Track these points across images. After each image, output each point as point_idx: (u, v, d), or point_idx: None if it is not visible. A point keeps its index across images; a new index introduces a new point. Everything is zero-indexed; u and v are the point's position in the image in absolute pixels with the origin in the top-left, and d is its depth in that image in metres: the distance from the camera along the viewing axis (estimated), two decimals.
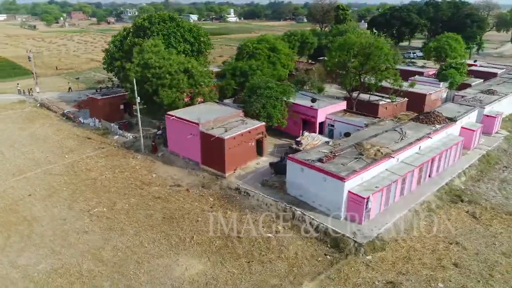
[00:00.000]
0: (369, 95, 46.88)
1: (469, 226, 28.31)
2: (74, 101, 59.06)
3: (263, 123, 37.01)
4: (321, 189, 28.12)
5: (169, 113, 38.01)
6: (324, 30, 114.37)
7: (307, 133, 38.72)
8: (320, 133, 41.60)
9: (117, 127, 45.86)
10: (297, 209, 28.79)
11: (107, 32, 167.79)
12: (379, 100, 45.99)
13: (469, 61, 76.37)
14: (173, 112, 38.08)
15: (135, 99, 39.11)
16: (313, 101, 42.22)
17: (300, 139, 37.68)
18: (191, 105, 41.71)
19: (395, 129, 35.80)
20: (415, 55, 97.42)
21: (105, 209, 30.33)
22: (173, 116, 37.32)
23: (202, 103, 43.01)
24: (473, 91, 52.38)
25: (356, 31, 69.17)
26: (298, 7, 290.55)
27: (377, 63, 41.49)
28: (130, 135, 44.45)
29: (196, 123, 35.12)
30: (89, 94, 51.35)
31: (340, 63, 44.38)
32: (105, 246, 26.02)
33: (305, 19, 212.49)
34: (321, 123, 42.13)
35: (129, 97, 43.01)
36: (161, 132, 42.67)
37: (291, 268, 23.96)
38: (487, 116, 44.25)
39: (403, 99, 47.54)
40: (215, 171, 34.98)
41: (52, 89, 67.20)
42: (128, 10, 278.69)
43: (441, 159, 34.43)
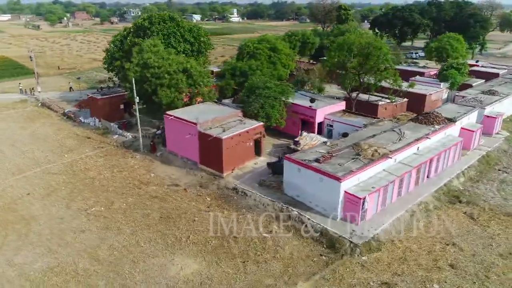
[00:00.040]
0: (369, 95, 46.75)
1: (467, 227, 28.17)
2: (75, 100, 59.34)
3: (261, 123, 37.00)
4: (317, 189, 28.08)
5: (167, 112, 38.11)
6: (326, 30, 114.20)
7: (305, 133, 38.70)
8: (319, 133, 41.56)
9: (117, 126, 46.04)
10: (294, 209, 28.77)
11: (110, 32, 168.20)
12: (379, 100, 45.88)
13: (471, 61, 75.98)
14: (171, 112, 38.18)
15: (134, 99, 39.24)
16: (312, 101, 42.17)
17: (298, 139, 37.67)
18: (190, 105, 41.77)
19: (394, 130, 35.69)
20: (417, 55, 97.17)
21: (102, 208, 30.44)
22: (172, 116, 37.42)
23: (201, 103, 43.09)
24: (474, 91, 52.09)
25: (357, 31, 69.22)
26: (301, 7, 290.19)
27: (376, 63, 41.41)
28: (129, 134, 44.61)
29: (194, 123, 35.19)
30: (90, 93, 51.58)
31: (339, 63, 44.34)
32: (102, 245, 26.12)
33: (308, 19, 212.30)
34: (320, 123, 42.06)
35: (129, 97, 43.14)
36: (160, 131, 42.80)
37: (286, 268, 23.95)
38: (488, 116, 44.02)
39: (402, 100, 47.37)
40: (213, 171, 35.03)
41: (53, 89, 67.56)
42: (131, 10, 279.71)
43: (440, 159, 34.29)
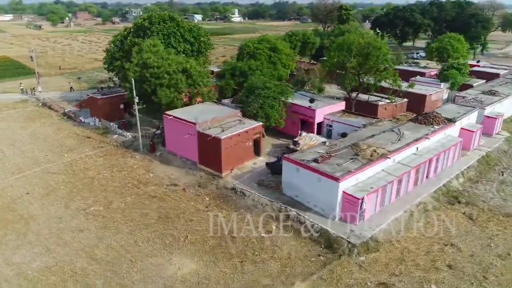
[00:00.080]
0: (368, 95, 46.68)
1: (465, 227, 28.10)
2: (75, 100, 59.46)
3: (260, 123, 37.00)
4: (316, 189, 28.06)
5: (167, 112, 38.16)
6: (327, 30, 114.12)
7: (304, 134, 38.67)
8: (318, 133, 41.53)
9: (117, 126, 46.12)
10: (292, 209, 28.76)
11: (112, 32, 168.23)
12: (378, 100, 45.80)
13: (472, 61, 75.77)
14: (171, 111, 38.22)
15: (134, 99, 39.30)
16: (312, 101, 42.14)
17: (297, 139, 37.65)
18: (190, 105, 41.80)
19: (393, 130, 35.63)
20: (418, 55, 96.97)
21: (101, 208, 30.50)
22: (171, 115, 37.46)
23: (200, 103, 43.11)
24: (474, 91, 51.94)
25: (358, 31, 69.11)
26: (302, 7, 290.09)
27: (375, 63, 41.35)
28: (129, 134, 44.67)
29: (193, 123, 35.22)
30: (90, 93, 51.68)
31: (339, 63, 44.28)
32: (100, 244, 26.16)
33: (309, 19, 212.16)
34: (319, 124, 42.03)
35: (129, 97, 43.19)
36: (160, 131, 42.85)
37: (284, 268, 23.94)
38: (488, 117, 43.90)
39: (402, 100, 47.29)
40: (212, 171, 35.04)
41: (54, 89, 67.73)
42: (133, 10, 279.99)
43: (439, 160, 34.21)
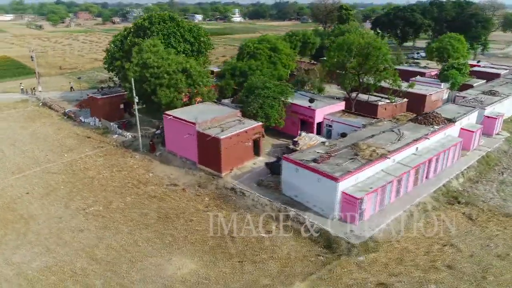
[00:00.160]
0: (368, 95, 46.67)
1: (465, 227, 28.10)
2: (76, 100, 59.51)
3: (260, 123, 37.02)
4: (315, 189, 28.07)
5: (166, 112, 38.19)
6: (327, 30, 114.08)
7: (304, 134, 38.67)
8: (318, 133, 41.54)
9: (117, 126, 46.17)
10: (291, 209, 28.78)
11: (112, 32, 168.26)
12: (378, 100, 45.78)
13: (472, 61, 75.72)
14: (170, 111, 38.25)
15: (134, 99, 39.34)
16: (311, 101, 42.14)
17: (297, 140, 37.63)
18: (190, 105, 41.82)
19: (393, 130, 35.63)
20: (419, 55, 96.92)
21: (101, 208, 30.54)
22: (171, 115, 37.49)
23: (200, 103, 43.13)
24: (474, 92, 51.91)
25: (358, 31, 69.07)
26: (303, 7, 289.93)
27: (375, 63, 41.35)
28: (129, 134, 44.72)
29: (193, 123, 35.24)
30: (90, 93, 51.73)
31: (338, 63, 44.27)
32: (99, 244, 26.20)
33: (310, 19, 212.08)
34: (319, 124, 42.03)
35: (128, 97, 43.22)
36: (159, 131, 42.88)
37: (283, 268, 23.95)
38: (488, 117, 43.88)
39: (402, 100, 47.27)
40: (212, 171, 35.07)
41: (55, 89, 67.79)
42: (133, 10, 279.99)
43: (439, 160, 34.20)
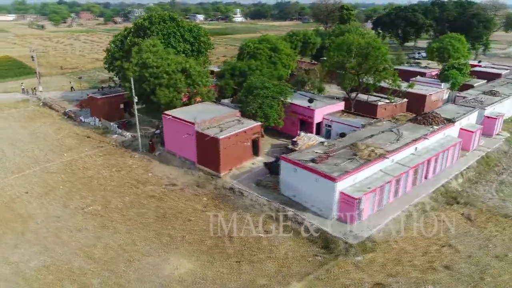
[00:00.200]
0: (368, 95, 46.61)
1: (463, 228, 28.02)
2: (76, 100, 59.64)
3: (259, 123, 37.03)
4: (313, 189, 28.04)
5: (166, 112, 38.23)
6: (328, 30, 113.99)
7: (303, 134, 38.65)
8: (317, 133, 41.50)
9: (116, 126, 46.24)
10: (289, 209, 28.77)
11: (114, 32, 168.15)
12: (378, 100, 45.71)
13: (473, 61, 75.53)
14: (169, 111, 38.29)
15: (133, 99, 39.39)
16: (311, 101, 42.11)
17: (296, 139, 37.63)
18: (189, 105, 41.84)
19: (392, 130, 35.56)
20: (420, 55, 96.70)
21: (99, 207, 30.59)
22: (170, 115, 37.53)
23: (200, 102, 43.16)
24: (475, 92, 51.78)
25: (358, 31, 69.09)
26: (304, 7, 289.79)
27: (374, 63, 41.28)
28: (128, 134, 44.78)
29: (191, 123, 35.25)
30: (90, 93, 51.84)
31: (338, 63, 44.21)
32: (97, 244, 26.25)
33: (311, 19, 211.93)
34: (318, 124, 42.00)
35: (128, 97, 43.29)
36: (159, 131, 42.92)
37: (280, 268, 23.93)
38: (488, 117, 43.75)
39: (402, 100, 47.18)
40: (211, 171, 35.08)
41: (55, 89, 67.95)
42: (135, 10, 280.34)
43: (438, 160, 34.13)
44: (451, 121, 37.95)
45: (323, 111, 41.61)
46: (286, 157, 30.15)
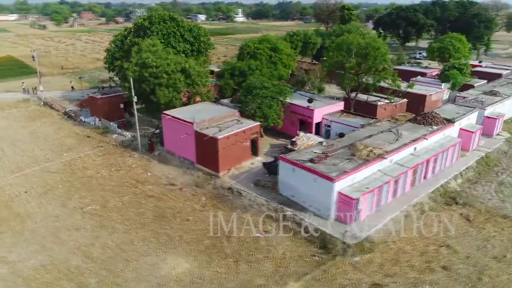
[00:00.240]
0: (368, 96, 46.54)
1: (462, 228, 27.94)
2: (77, 100, 59.79)
3: (258, 123, 37.02)
4: (311, 189, 28.02)
5: (165, 112, 38.28)
6: (329, 30, 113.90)
7: (302, 134, 38.62)
8: (317, 133, 41.47)
9: (116, 126, 46.32)
10: (288, 209, 28.75)
11: (115, 32, 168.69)
12: (378, 100, 45.62)
13: (474, 61, 75.34)
14: (169, 111, 38.33)
15: (132, 98, 39.45)
16: (310, 101, 42.06)
17: (295, 140, 37.60)
18: (189, 105, 41.87)
19: (391, 130, 35.49)
20: (421, 55, 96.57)
21: (98, 207, 30.63)
22: (169, 115, 37.57)
23: (200, 102, 43.18)
24: (475, 92, 51.66)
25: (359, 31, 68.99)
26: (306, 6, 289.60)
27: (374, 63, 41.20)
28: (128, 134, 44.85)
29: (190, 123, 35.28)
30: (91, 93, 51.95)
31: (338, 63, 44.14)
32: (95, 243, 26.30)
33: (313, 19, 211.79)
34: (318, 124, 41.96)
35: (127, 96, 43.35)
36: (158, 131, 42.97)
37: (278, 268, 23.92)
38: (488, 117, 43.62)
39: (402, 100, 47.07)
40: (209, 171, 35.10)
41: (56, 88, 68.14)
42: (137, 10, 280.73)
43: (437, 160, 34.05)
44: (450, 121, 37.86)
45: (322, 111, 41.57)
46: (284, 157, 30.14)
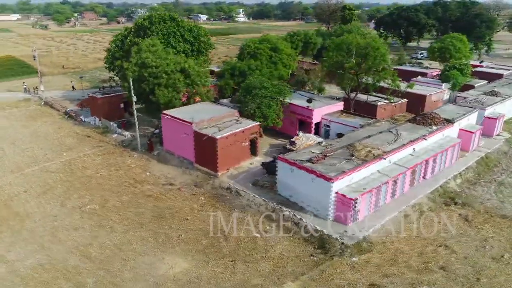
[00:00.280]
0: (367, 96, 46.47)
1: (460, 229, 27.86)
2: (77, 99, 59.91)
3: (257, 123, 37.02)
4: (309, 189, 28.01)
5: (164, 112, 38.32)
6: (329, 30, 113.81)
7: (301, 134, 38.61)
8: (316, 133, 41.45)
9: (116, 125, 46.39)
10: (285, 209, 28.74)
11: (117, 31, 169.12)
12: (377, 101, 45.55)
13: (475, 62, 75.12)
14: (168, 111, 38.38)
15: (132, 98, 39.51)
16: (309, 101, 42.04)
17: (294, 140, 37.60)
18: (188, 105, 41.91)
19: (390, 131, 35.43)
20: (422, 55, 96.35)
21: (96, 207, 30.69)
22: (168, 115, 37.62)
23: (199, 102, 43.20)
24: (476, 92, 51.53)
25: (360, 31, 68.89)
26: (307, 7, 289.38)
27: (373, 63, 41.13)
28: (128, 133, 44.91)
29: (189, 123, 35.31)
30: (91, 93, 52.04)
31: (337, 63, 44.07)
32: (93, 243, 26.35)
33: (314, 19, 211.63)
34: (317, 124, 41.93)
35: (127, 96, 43.42)
36: (158, 131, 43.01)
37: (275, 268, 23.91)
38: (488, 118, 43.49)
39: (402, 100, 46.97)
40: (208, 171, 35.12)
41: (57, 88, 68.34)
42: (138, 10, 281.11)
43: (436, 161, 33.97)
44: (450, 122, 37.77)
45: (321, 111, 41.54)
46: (283, 157, 30.14)
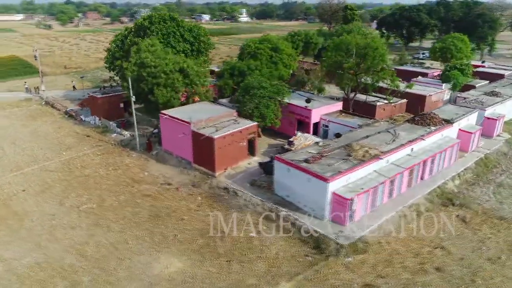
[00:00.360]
0: (367, 96, 46.37)
1: (457, 230, 27.74)
2: (78, 99, 60.19)
3: (255, 123, 37.02)
4: (306, 189, 27.99)
5: (163, 112, 38.42)
6: (331, 30, 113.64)
7: (300, 134, 38.59)
8: (315, 134, 41.41)
9: (116, 125, 46.55)
10: (282, 209, 28.74)
11: (119, 31, 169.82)
12: (376, 101, 45.43)
13: (477, 62, 74.78)
14: (166, 111, 38.47)
15: (131, 98, 39.63)
16: (308, 101, 42.00)
17: (292, 140, 37.58)
18: (187, 104, 41.98)
19: (388, 131, 35.34)
20: (424, 55, 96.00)
21: (94, 206, 30.82)
22: (167, 115, 37.71)
23: (198, 102, 43.26)
24: (476, 92, 51.30)
25: (361, 31, 68.73)
26: (310, 7, 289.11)
27: (372, 63, 41.04)
28: (127, 133, 45.05)
29: (187, 122, 35.38)
30: (91, 92, 52.27)
31: (336, 63, 44.00)
32: (90, 242, 26.45)
33: (317, 19, 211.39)
34: (316, 124, 41.89)
35: (127, 96, 43.54)
36: (157, 130, 43.12)
37: (270, 268, 23.90)
38: (488, 118, 43.28)
39: (401, 100, 46.83)
40: (206, 170, 35.17)
41: (59, 88, 68.67)
42: (141, 10, 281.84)
43: (435, 161, 33.85)
44: (449, 122, 37.62)
45: (320, 111, 41.49)
46: (279, 157, 30.15)
